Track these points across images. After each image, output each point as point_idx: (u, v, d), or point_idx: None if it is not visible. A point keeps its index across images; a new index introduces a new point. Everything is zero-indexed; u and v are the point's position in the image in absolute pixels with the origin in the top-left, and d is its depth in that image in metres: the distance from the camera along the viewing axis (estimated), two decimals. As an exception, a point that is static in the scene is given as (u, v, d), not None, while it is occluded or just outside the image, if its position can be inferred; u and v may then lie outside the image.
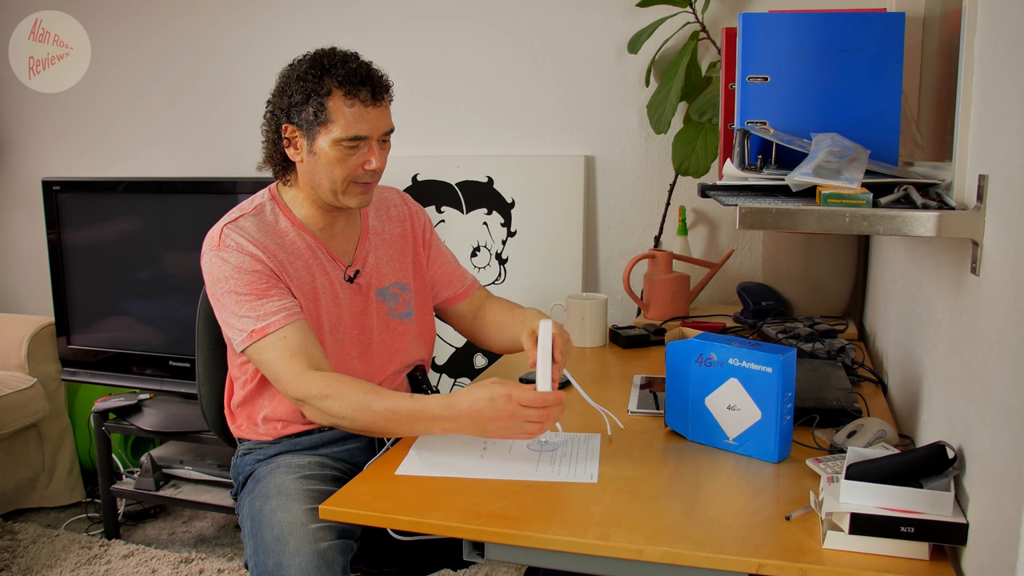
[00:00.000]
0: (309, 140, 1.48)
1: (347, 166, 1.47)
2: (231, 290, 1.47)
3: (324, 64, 1.46)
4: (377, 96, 1.47)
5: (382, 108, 1.49)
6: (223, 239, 1.49)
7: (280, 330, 1.44)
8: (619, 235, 2.49)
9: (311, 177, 1.51)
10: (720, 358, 1.29)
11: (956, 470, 1.01)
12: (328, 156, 1.47)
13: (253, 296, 1.46)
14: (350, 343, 1.58)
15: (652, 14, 2.26)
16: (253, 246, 1.48)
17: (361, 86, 1.45)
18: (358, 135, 1.45)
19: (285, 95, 1.49)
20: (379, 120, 1.48)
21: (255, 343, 1.45)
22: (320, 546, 1.30)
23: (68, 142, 3.08)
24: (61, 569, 2.44)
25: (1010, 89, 0.87)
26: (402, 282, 1.68)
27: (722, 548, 1.00)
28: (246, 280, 1.46)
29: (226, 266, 1.47)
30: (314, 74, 1.45)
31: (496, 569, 2.37)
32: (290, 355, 1.43)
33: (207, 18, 2.82)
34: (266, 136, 1.55)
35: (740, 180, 1.23)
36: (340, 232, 1.61)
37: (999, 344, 0.86)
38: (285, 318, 1.45)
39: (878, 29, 1.27)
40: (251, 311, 1.46)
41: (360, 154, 1.48)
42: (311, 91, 1.45)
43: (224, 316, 1.50)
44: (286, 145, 1.51)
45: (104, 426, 2.62)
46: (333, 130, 1.45)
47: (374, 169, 1.49)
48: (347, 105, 1.45)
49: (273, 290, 1.47)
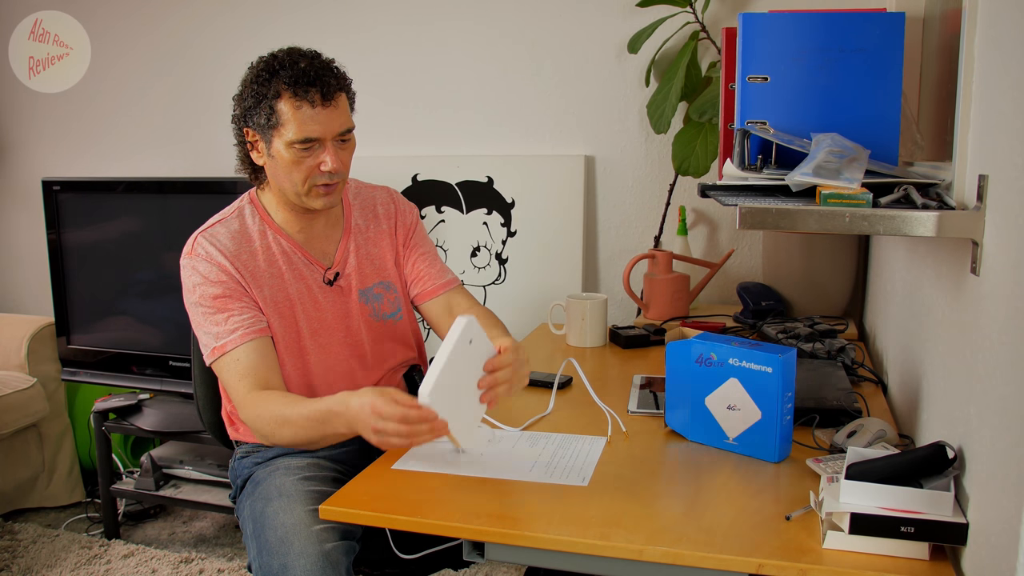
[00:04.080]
0: (266, 143, 1.48)
1: (303, 168, 1.46)
2: (197, 302, 1.49)
3: (274, 66, 1.45)
4: (327, 96, 1.44)
5: (333, 108, 1.45)
6: (195, 248, 1.51)
7: (235, 350, 1.46)
8: (619, 235, 2.49)
9: (275, 180, 1.52)
10: (720, 358, 1.29)
11: (956, 470, 1.01)
12: (284, 159, 1.46)
13: (215, 310, 1.48)
14: (339, 346, 1.58)
15: (652, 14, 2.26)
16: (222, 256, 1.49)
17: (309, 87, 1.43)
18: (309, 137, 1.44)
19: (243, 99, 1.49)
20: (331, 121, 1.45)
21: (216, 360, 1.48)
22: (325, 547, 1.31)
23: (68, 142, 3.08)
24: (61, 569, 2.44)
25: (1010, 89, 0.87)
26: (386, 281, 1.67)
27: (722, 548, 1.00)
28: (211, 292, 1.48)
29: (195, 275, 1.49)
30: (264, 77, 1.45)
31: (496, 569, 2.37)
32: (240, 378, 1.45)
33: (207, 18, 2.82)
34: (236, 140, 1.55)
35: (740, 180, 1.23)
36: (320, 233, 1.60)
37: (999, 344, 0.86)
38: (241, 337, 1.46)
39: (878, 29, 1.27)
40: (213, 326, 1.47)
41: (315, 155, 1.46)
42: (262, 94, 1.44)
43: (194, 328, 1.53)
44: (250, 149, 1.52)
45: (104, 426, 2.62)
46: (285, 133, 1.44)
47: (330, 170, 1.46)
48: (295, 107, 1.43)
49: (234, 304, 1.48)
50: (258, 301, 1.51)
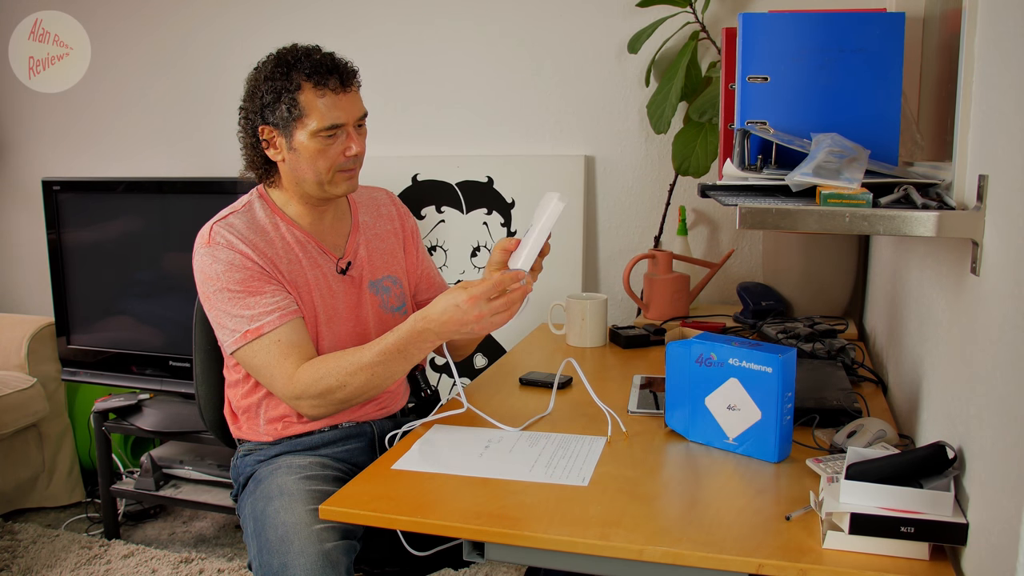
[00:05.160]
0: (287, 137, 1.49)
1: (329, 156, 1.49)
2: (223, 287, 1.47)
3: (289, 60, 1.47)
4: (346, 83, 1.49)
5: (352, 94, 1.51)
6: (213, 236, 1.50)
7: (275, 331, 1.45)
8: (619, 235, 2.49)
9: (295, 173, 1.52)
10: (720, 358, 1.29)
11: (956, 470, 1.01)
12: (309, 149, 1.48)
13: (246, 293, 1.47)
14: (346, 336, 1.59)
15: (652, 14, 2.26)
16: (243, 244, 1.49)
17: (329, 75, 1.46)
18: (335, 123, 1.47)
19: (256, 98, 1.50)
20: (352, 106, 1.50)
21: (248, 344, 1.46)
22: (325, 547, 1.31)
23: (68, 142, 3.08)
24: (61, 569, 2.44)
25: (1010, 89, 0.87)
26: (393, 276, 1.68)
27: (722, 548, 1.00)
28: (238, 277, 1.47)
29: (217, 264, 1.47)
30: (281, 72, 1.47)
31: (496, 569, 2.37)
32: (284, 357, 1.45)
33: (207, 18, 2.82)
34: (244, 142, 1.56)
35: (740, 180, 1.23)
36: (329, 226, 1.61)
37: (999, 344, 0.86)
38: (280, 318, 1.46)
39: (878, 29, 1.27)
40: (244, 309, 1.46)
41: (339, 142, 1.49)
42: (281, 89, 1.46)
43: (215, 316, 1.50)
44: (265, 147, 1.52)
45: (104, 426, 2.62)
46: (309, 123, 1.46)
47: (355, 154, 1.51)
48: (318, 96, 1.46)
49: (266, 287, 1.48)
50: (284, 284, 1.51)
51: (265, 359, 1.45)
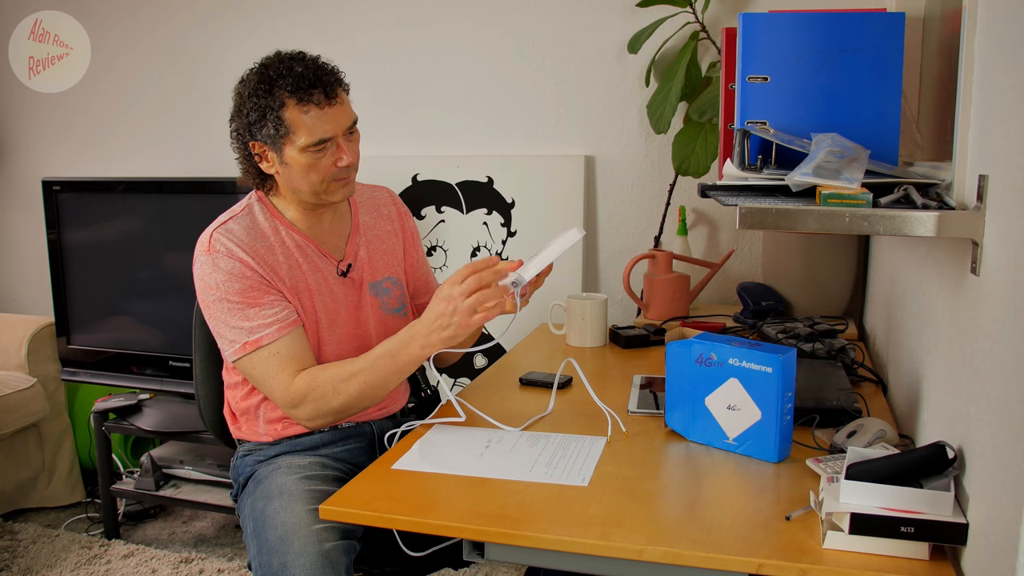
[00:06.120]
0: (277, 153, 1.47)
1: (320, 168, 1.47)
2: (222, 297, 1.47)
3: (271, 76, 1.44)
4: (330, 94, 1.45)
5: (338, 105, 1.47)
6: (213, 244, 1.49)
7: (273, 343, 1.46)
8: (619, 235, 2.49)
9: (290, 184, 1.51)
10: (720, 358, 1.29)
11: (956, 470, 1.01)
12: (300, 163, 1.46)
13: (246, 304, 1.46)
14: (347, 339, 1.58)
15: (652, 14, 2.26)
16: (243, 251, 1.48)
17: (312, 89, 1.43)
18: (322, 138, 1.44)
19: (243, 114, 1.48)
20: (339, 116, 1.47)
21: (247, 355, 1.46)
22: (324, 547, 1.31)
23: (68, 142, 3.08)
24: (61, 569, 2.44)
25: (1010, 89, 0.87)
26: (394, 277, 1.68)
27: (722, 548, 1.00)
28: (238, 287, 1.46)
29: (217, 272, 1.47)
30: (264, 88, 1.44)
31: (496, 569, 2.37)
32: (281, 368, 1.45)
33: (207, 18, 2.82)
34: (238, 154, 1.54)
35: (740, 180, 1.23)
36: (328, 228, 1.61)
37: (999, 344, 0.86)
38: (278, 330, 1.46)
39: (878, 29, 1.27)
40: (243, 321, 1.46)
41: (330, 154, 1.47)
42: (265, 107, 1.44)
43: (215, 325, 1.50)
44: (258, 160, 1.51)
45: (104, 426, 2.62)
46: (297, 140, 1.44)
47: (347, 165, 1.49)
48: (303, 112, 1.43)
49: (265, 298, 1.47)
50: (283, 292, 1.51)
51: (263, 370, 1.46)
